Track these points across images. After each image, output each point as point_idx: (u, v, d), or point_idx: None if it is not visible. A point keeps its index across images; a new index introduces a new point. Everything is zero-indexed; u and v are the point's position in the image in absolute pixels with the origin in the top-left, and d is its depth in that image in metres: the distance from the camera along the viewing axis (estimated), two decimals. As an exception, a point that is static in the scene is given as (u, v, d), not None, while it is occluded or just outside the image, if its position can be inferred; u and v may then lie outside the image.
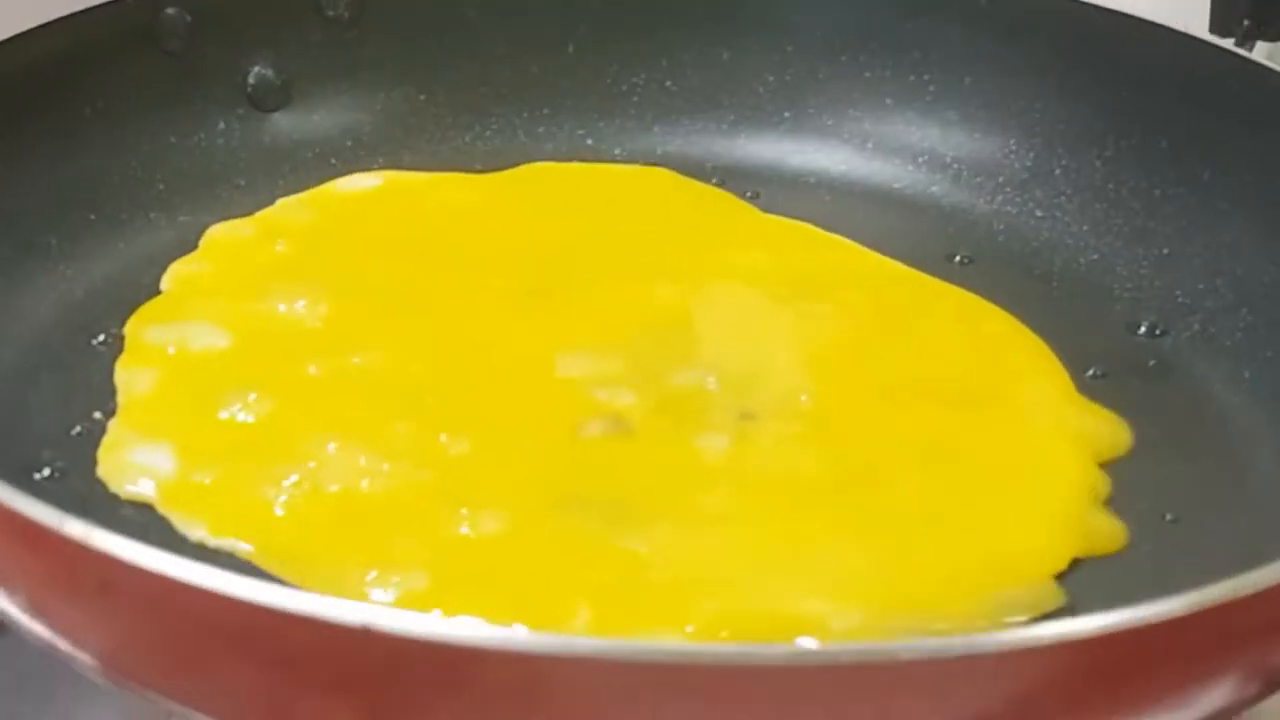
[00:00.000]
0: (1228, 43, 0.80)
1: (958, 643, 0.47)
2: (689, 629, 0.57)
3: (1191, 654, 0.49)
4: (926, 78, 0.85)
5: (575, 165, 0.84)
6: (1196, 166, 0.78)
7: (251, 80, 0.82)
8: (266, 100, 0.83)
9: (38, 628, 0.51)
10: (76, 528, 0.48)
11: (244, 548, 0.60)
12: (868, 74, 0.86)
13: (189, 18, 0.80)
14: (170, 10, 0.80)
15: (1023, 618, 0.59)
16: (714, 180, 0.84)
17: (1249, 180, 0.76)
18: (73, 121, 0.76)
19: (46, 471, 0.64)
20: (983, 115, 0.84)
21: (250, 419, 0.66)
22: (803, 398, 0.69)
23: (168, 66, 0.80)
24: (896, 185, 0.84)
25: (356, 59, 0.84)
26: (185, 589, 0.46)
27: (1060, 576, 0.62)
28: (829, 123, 0.86)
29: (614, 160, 0.85)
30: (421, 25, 0.85)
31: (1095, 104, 0.82)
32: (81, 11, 0.76)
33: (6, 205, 0.73)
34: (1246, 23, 0.77)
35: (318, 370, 0.68)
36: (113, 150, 0.78)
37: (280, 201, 0.80)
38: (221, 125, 0.82)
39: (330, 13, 0.83)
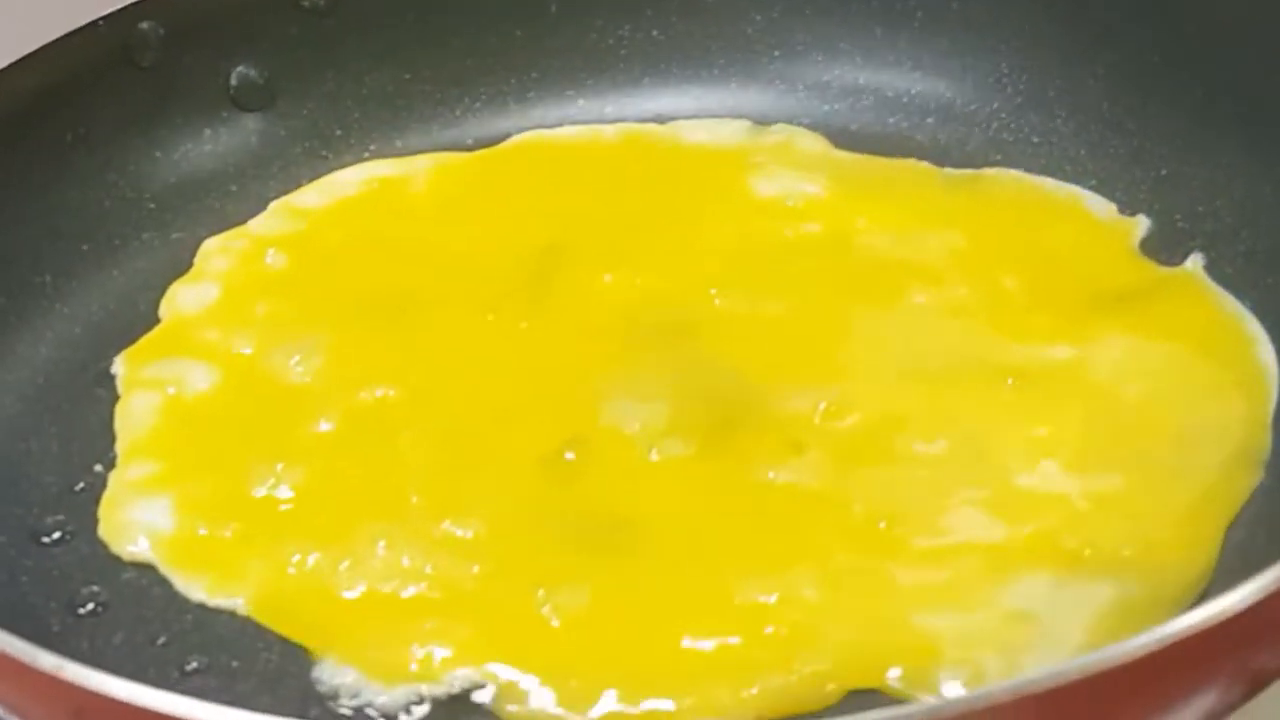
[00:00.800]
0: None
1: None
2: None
3: (1174, 675, 0.50)
4: (913, 4, 0.84)
5: (561, 139, 0.83)
6: (1190, 83, 0.77)
7: (234, 82, 0.82)
8: (250, 100, 0.82)
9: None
10: (49, 661, 0.49)
11: (243, 606, 0.61)
12: (854, 6, 0.85)
13: (162, 30, 0.79)
14: (143, 25, 0.79)
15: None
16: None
17: (1243, 97, 0.75)
18: (55, 152, 0.77)
19: (56, 535, 0.65)
20: (973, 40, 0.83)
21: (248, 471, 0.66)
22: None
23: (146, 82, 0.79)
24: (891, 120, 0.83)
25: (337, 47, 0.84)
26: (155, 716, 0.47)
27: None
28: (819, 60, 0.85)
29: (605, 119, 0.85)
30: (399, 4, 0.84)
31: (1086, 22, 0.80)
32: (52, 42, 0.76)
33: (-3, 250, 0.74)
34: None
35: (316, 417, 0.68)
36: (99, 175, 0.78)
37: (272, 206, 0.80)
38: (207, 132, 0.81)
39: (306, 3, 0.83)
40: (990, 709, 0.46)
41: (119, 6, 0.79)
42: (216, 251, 0.78)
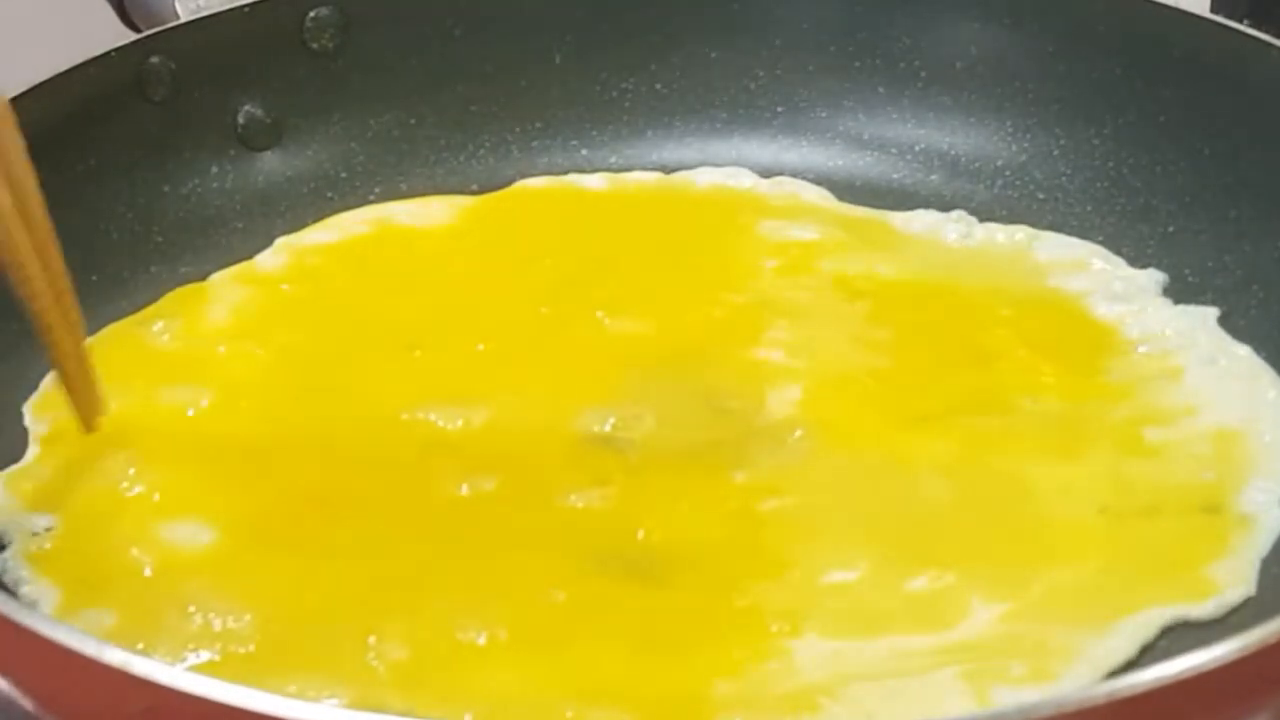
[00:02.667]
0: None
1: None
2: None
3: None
4: (917, 64, 0.85)
5: (558, 188, 0.83)
6: (1196, 141, 0.78)
7: (241, 121, 0.82)
8: (257, 139, 0.82)
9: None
10: (116, 655, 0.47)
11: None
12: (857, 64, 0.85)
13: (173, 65, 0.79)
14: (154, 60, 0.78)
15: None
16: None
17: (1251, 153, 0.76)
18: (65, 183, 0.74)
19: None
20: (976, 99, 0.84)
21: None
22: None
23: (156, 117, 0.79)
24: (895, 175, 0.84)
25: (344, 89, 0.84)
26: (233, 713, 0.46)
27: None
28: (823, 116, 0.85)
29: (609, 168, 0.85)
30: (406, 50, 0.84)
31: (1089, 82, 0.81)
32: (64, 72, 0.75)
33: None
34: (1246, 21, 0.76)
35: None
36: (108, 207, 0.77)
37: (278, 242, 0.79)
38: (215, 169, 0.81)
39: (314, 45, 0.82)
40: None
41: (131, 39, 0.78)
42: (222, 286, 0.77)
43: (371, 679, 0.58)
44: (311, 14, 0.82)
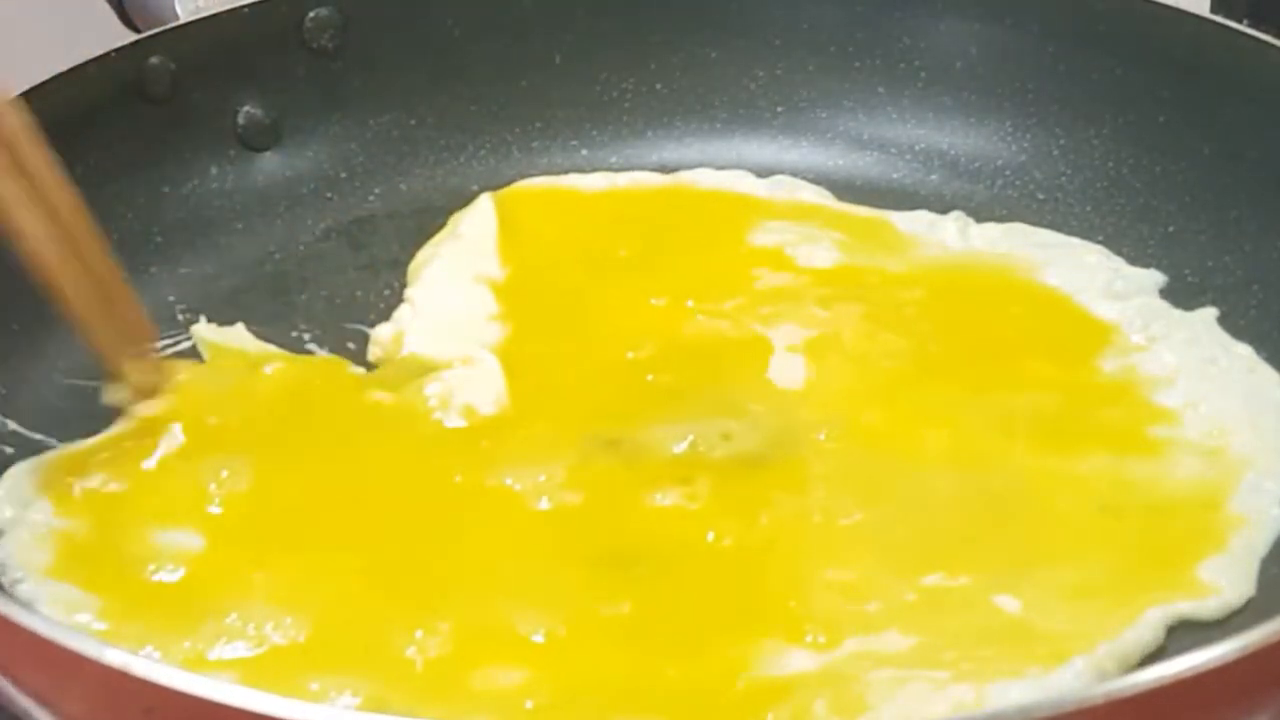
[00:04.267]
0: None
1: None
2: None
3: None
4: (917, 64, 0.85)
5: (558, 188, 0.83)
6: (1197, 142, 0.78)
7: (241, 121, 0.82)
8: (257, 139, 0.82)
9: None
10: (116, 656, 0.47)
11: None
12: (857, 64, 0.85)
13: (173, 65, 0.79)
14: (154, 60, 0.78)
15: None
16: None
17: (1251, 154, 0.76)
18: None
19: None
20: (976, 99, 0.84)
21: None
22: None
23: (155, 117, 0.79)
24: (895, 175, 0.84)
25: (344, 89, 0.84)
26: (232, 713, 0.46)
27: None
28: (822, 116, 0.85)
29: (609, 168, 0.85)
30: (406, 50, 0.84)
31: (1089, 82, 0.81)
32: (65, 72, 0.75)
33: (8, 277, 0.72)
34: (1246, 21, 0.76)
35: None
36: (107, 207, 0.75)
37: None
38: (214, 170, 0.81)
39: (314, 45, 0.82)
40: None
41: (131, 40, 0.78)
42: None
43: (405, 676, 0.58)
44: (311, 14, 0.82)
